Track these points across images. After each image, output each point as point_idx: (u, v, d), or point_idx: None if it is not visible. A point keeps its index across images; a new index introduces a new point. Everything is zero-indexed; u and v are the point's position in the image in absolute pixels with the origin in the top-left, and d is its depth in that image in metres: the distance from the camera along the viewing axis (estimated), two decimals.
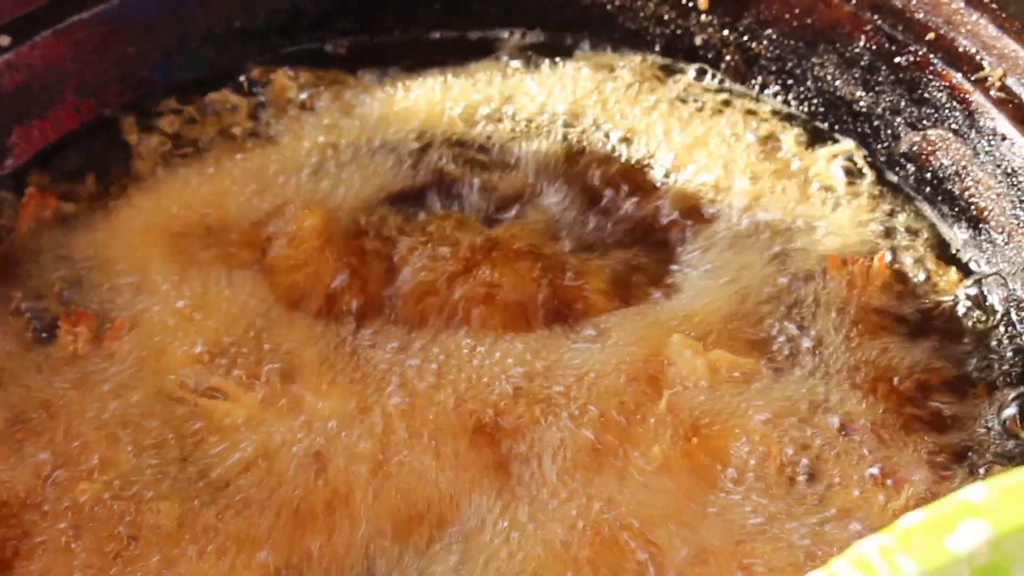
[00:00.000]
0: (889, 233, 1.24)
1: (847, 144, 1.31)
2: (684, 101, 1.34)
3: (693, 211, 1.26)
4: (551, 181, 1.29)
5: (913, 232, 1.25)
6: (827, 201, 1.26)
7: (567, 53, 1.39)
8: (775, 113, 1.34)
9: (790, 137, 1.32)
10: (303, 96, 1.35)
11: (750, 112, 1.34)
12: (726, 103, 1.35)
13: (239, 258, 1.21)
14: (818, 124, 1.33)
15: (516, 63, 1.38)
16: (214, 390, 1.10)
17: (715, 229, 1.24)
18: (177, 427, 1.08)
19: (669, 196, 1.27)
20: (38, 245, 1.22)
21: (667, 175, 1.28)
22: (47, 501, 1.04)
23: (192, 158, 1.30)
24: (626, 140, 1.31)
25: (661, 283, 1.20)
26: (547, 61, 1.38)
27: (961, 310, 1.19)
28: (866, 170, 1.29)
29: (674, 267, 1.21)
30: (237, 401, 1.09)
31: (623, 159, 1.30)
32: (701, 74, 1.37)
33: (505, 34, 1.41)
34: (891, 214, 1.26)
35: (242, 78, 1.36)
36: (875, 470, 1.06)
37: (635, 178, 1.28)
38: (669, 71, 1.37)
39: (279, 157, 1.29)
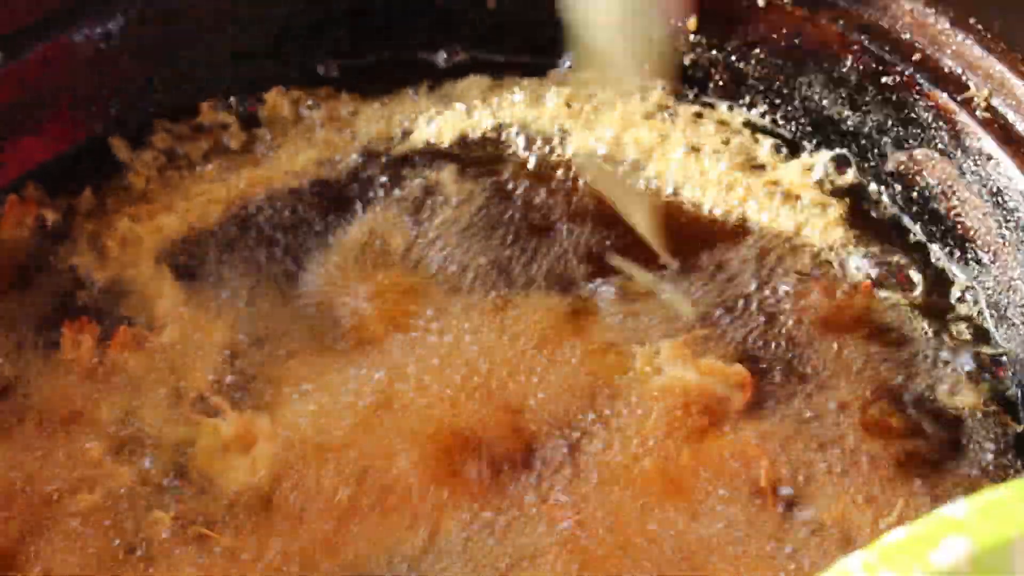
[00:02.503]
0: (875, 252, 1.25)
1: (825, 156, 1.31)
2: (670, 118, 1.35)
3: (682, 225, 1.27)
4: (542, 195, 1.29)
5: (900, 251, 1.25)
6: (811, 221, 1.26)
7: (555, 73, 1.39)
8: (762, 132, 1.35)
9: (775, 155, 1.32)
10: (296, 113, 1.36)
11: (736, 131, 1.34)
12: (710, 121, 1.35)
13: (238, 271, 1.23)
14: (805, 143, 1.34)
15: (503, 82, 1.38)
16: (212, 404, 1.11)
17: (701, 244, 1.25)
18: (175, 439, 1.09)
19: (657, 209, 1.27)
20: (40, 256, 1.24)
21: (654, 188, 1.29)
22: (45, 506, 1.05)
23: (186, 173, 1.31)
24: (611, 158, 1.31)
25: (640, 296, 1.21)
26: (534, 80, 1.38)
27: (948, 332, 1.19)
28: (851, 189, 1.30)
29: (655, 280, 1.22)
30: (233, 416, 1.10)
31: (603, 174, 1.31)
32: (687, 93, 1.38)
33: (495, 55, 1.41)
34: (877, 234, 1.26)
35: (235, 96, 1.37)
36: (861, 487, 1.06)
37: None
38: (655, 90, 1.38)
39: (273, 174, 1.30)
